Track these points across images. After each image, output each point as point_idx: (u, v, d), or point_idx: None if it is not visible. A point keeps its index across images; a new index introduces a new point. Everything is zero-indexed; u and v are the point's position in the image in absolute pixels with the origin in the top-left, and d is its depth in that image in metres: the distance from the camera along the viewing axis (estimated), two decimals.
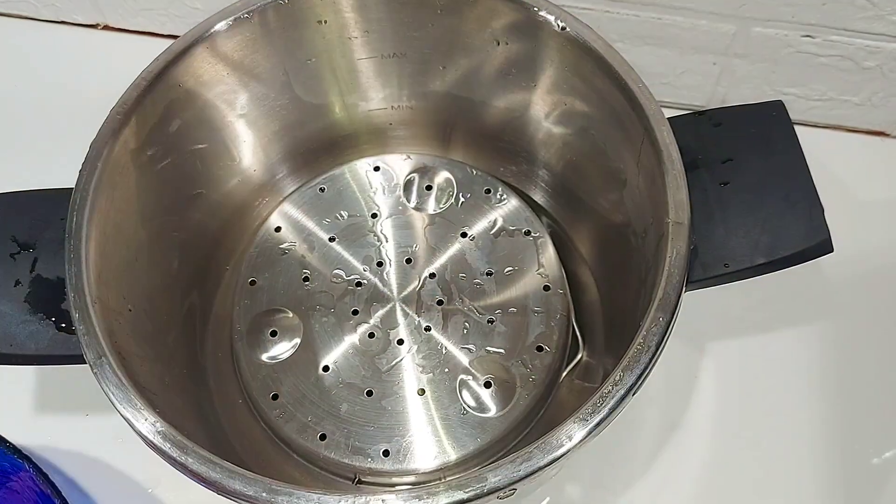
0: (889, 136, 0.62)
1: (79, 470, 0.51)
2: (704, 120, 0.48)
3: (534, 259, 0.52)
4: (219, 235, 0.54)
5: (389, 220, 0.54)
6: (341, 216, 0.54)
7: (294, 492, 0.35)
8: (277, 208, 0.55)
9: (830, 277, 0.56)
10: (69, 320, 0.41)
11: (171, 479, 0.38)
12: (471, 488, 0.35)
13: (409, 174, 0.56)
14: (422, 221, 0.54)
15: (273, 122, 0.54)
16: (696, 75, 0.60)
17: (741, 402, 0.53)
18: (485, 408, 0.48)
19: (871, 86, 0.58)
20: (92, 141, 0.44)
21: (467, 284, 0.52)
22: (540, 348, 0.50)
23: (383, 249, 0.53)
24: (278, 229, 0.54)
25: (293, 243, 0.54)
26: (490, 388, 0.49)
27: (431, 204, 0.55)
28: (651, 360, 0.37)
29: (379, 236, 0.54)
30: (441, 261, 0.53)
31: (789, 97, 0.60)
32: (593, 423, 0.36)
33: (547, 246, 0.53)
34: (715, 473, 0.51)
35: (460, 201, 0.55)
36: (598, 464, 0.51)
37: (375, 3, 0.49)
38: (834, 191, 0.52)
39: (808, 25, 0.55)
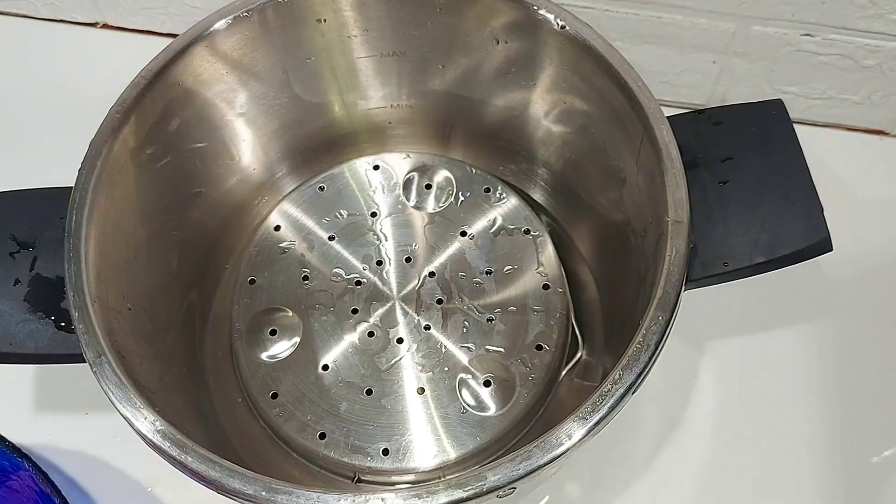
0: (888, 134, 0.62)
1: (78, 469, 0.51)
2: (704, 118, 0.48)
3: (533, 258, 0.52)
4: (218, 234, 0.54)
5: (389, 219, 0.54)
6: (341, 215, 0.54)
7: (293, 490, 0.35)
8: (277, 207, 0.55)
9: (830, 276, 0.56)
10: (69, 319, 0.41)
11: (171, 477, 0.38)
12: (470, 487, 0.35)
13: (409, 173, 0.56)
14: (421, 220, 0.54)
15: (272, 120, 0.54)
16: (696, 74, 0.60)
17: (741, 400, 0.53)
18: (484, 406, 0.48)
19: (870, 84, 0.58)
20: (91, 140, 0.44)
21: (467, 283, 0.52)
22: (539, 347, 0.50)
23: (383, 248, 0.53)
24: (278, 228, 0.54)
25: (293, 242, 0.54)
26: (489, 387, 0.49)
27: (431, 203, 0.55)
28: (650, 358, 0.37)
29: (378, 235, 0.54)
30: (440, 259, 0.53)
31: (789, 96, 0.60)
32: (593, 422, 0.36)
33: (546, 245, 0.53)
34: (714, 472, 0.51)
35: (460, 200, 0.55)
36: (598, 462, 0.51)
37: (375, 1, 0.49)
38: (833, 189, 0.52)
39: (808, 24, 0.55)
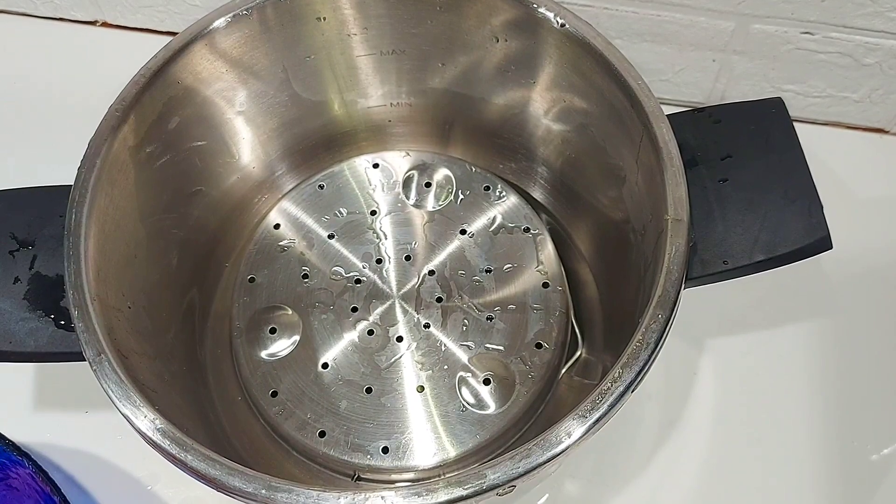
0: (888, 132, 0.62)
1: (78, 467, 0.51)
2: (703, 117, 0.48)
3: (533, 256, 0.52)
4: (218, 232, 0.54)
5: (388, 218, 0.54)
6: (340, 213, 0.54)
7: (293, 489, 0.35)
8: (276, 205, 0.55)
9: (829, 274, 0.56)
10: (68, 317, 0.41)
11: (171, 476, 0.39)
12: (470, 485, 0.35)
13: (409, 171, 0.56)
14: (421, 218, 0.54)
15: (272, 119, 0.54)
16: (696, 72, 0.60)
17: (740, 398, 0.53)
18: (484, 405, 0.48)
19: (870, 82, 0.58)
20: (91, 138, 0.44)
21: (466, 281, 0.52)
22: (539, 345, 0.50)
23: (382, 246, 0.53)
24: (277, 226, 0.54)
25: (292, 240, 0.54)
26: (489, 385, 0.49)
27: (430, 201, 0.55)
28: (650, 356, 0.37)
29: (378, 233, 0.54)
30: (440, 258, 0.53)
31: (788, 94, 0.60)
32: (592, 420, 0.36)
33: (546, 243, 0.53)
34: (714, 470, 0.51)
35: (459, 198, 0.55)
36: (598, 460, 0.51)
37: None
38: (833, 188, 0.52)
39: (808, 22, 0.55)
